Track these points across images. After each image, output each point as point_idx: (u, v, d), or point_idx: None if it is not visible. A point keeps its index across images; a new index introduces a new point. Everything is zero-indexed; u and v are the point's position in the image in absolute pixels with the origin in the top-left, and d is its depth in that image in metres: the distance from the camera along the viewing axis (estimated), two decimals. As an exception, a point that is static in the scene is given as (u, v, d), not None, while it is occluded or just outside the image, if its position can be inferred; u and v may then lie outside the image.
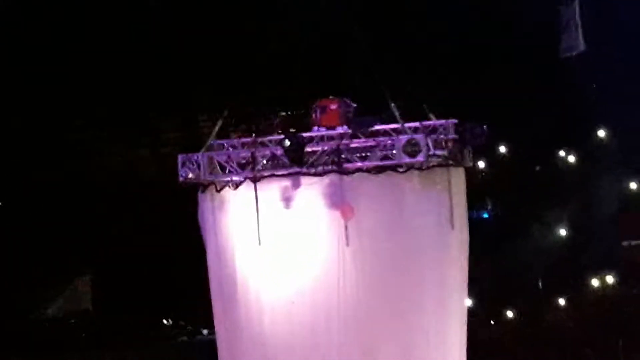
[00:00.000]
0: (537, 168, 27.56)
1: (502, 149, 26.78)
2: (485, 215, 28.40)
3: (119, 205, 25.17)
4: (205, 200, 16.29)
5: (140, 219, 25.49)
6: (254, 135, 16.27)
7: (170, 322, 27.11)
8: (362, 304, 15.35)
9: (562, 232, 27.38)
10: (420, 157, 15.36)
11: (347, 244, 15.29)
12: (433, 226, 15.54)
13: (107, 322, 25.44)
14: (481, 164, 26.94)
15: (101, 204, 25.02)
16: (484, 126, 16.09)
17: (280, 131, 16.15)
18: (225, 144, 16.34)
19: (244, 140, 16.28)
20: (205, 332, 25.25)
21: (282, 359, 15.62)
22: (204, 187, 16.21)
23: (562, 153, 27.16)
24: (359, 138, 15.95)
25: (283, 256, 15.71)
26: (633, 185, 27.36)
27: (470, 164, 16.39)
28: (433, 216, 15.55)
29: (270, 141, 16.14)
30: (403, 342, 15.33)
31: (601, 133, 27.10)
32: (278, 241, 15.74)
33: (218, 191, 16.03)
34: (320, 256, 15.56)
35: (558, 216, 27.10)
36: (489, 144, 24.88)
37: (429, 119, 16.14)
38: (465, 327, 16.13)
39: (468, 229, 16.09)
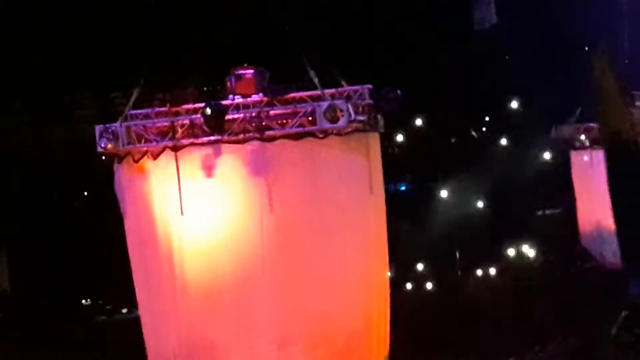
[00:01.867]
0: (453, 140, 27.59)
1: (419, 121, 26.71)
2: (403, 188, 28.37)
3: (35, 185, 24.58)
4: (123, 172, 15.89)
5: (56, 198, 24.94)
6: (169, 105, 15.86)
7: (89, 301, 26.61)
8: (285, 270, 15.22)
9: (480, 203, 27.45)
10: (341, 123, 15.16)
11: (271, 211, 15.02)
12: (353, 191, 15.49)
13: (24, 303, 24.81)
14: (399, 137, 26.91)
15: (16, 184, 24.40)
16: (398, 91, 15.95)
17: (195, 101, 15.78)
18: (142, 114, 15.87)
19: (160, 109, 15.83)
20: (124, 310, 24.81)
21: (207, 328, 15.25)
22: (120, 158, 15.76)
23: (478, 124, 27.21)
24: (279, 105, 15.65)
25: (206, 225, 15.38)
26: (547, 156, 27.56)
27: (383, 130, 16.23)
28: (353, 181, 15.49)
29: (188, 110, 15.74)
30: (324, 306, 15.26)
31: (515, 104, 27.23)
32: (201, 210, 15.39)
33: (136, 161, 15.59)
34: (243, 224, 15.30)
35: (474, 187, 27.15)
36: (406, 117, 25.04)
37: (342, 86, 15.91)
38: (388, 293, 16.01)
39: (384, 194, 15.94)
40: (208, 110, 15.10)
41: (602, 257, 26.58)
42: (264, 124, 15.47)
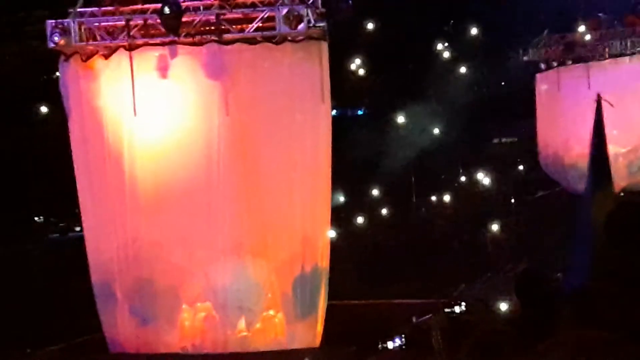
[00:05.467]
0: (410, 66, 27.01)
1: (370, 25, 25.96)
2: (360, 112, 27.86)
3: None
4: (69, 70, 14.94)
5: (8, 114, 24.06)
6: (117, 4, 14.96)
7: (42, 219, 25.90)
8: (239, 173, 14.57)
9: (436, 130, 26.97)
10: (301, 28, 14.47)
11: (227, 114, 14.34)
12: (306, 98, 14.89)
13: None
14: (357, 61, 26.30)
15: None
16: (349, 1, 15.36)
17: (145, 1, 14.91)
18: (94, 12, 14.94)
19: (113, 8, 14.94)
20: (77, 229, 24.06)
21: (154, 229, 14.63)
22: (67, 56, 14.81)
23: (438, 47, 26.60)
24: (238, 9, 14.87)
25: (160, 126, 14.60)
26: (506, 82, 27.11)
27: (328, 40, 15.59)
28: (306, 88, 14.89)
29: (143, 10, 14.86)
30: (273, 212, 14.76)
31: (474, 30, 26.65)
32: (155, 111, 14.59)
33: (84, 61, 14.71)
34: (198, 126, 14.54)
35: (432, 114, 26.65)
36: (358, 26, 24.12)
37: None
38: (329, 202, 15.50)
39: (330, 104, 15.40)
40: (166, 9, 14.24)
41: (567, 182, 26.13)
42: (222, 27, 14.65)
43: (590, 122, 22.00)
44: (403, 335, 16.29)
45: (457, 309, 19.93)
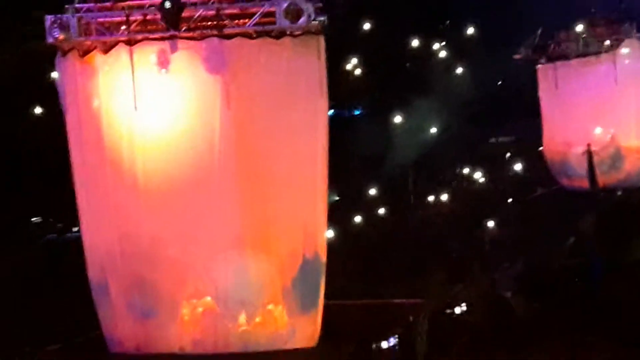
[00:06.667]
0: (408, 65, 26.99)
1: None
2: (357, 112, 27.83)
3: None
4: (67, 66, 14.90)
5: (5, 113, 23.97)
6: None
7: (40, 219, 25.77)
8: (240, 169, 14.54)
9: (433, 129, 26.95)
10: (301, 22, 14.51)
11: (228, 108, 14.30)
12: (306, 92, 14.91)
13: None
14: (354, 60, 26.26)
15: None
16: None
17: None
18: (93, 7, 14.87)
19: (112, 4, 14.90)
20: (75, 229, 23.95)
21: (154, 224, 14.61)
22: (65, 52, 14.77)
23: (434, 47, 26.58)
24: (238, 3, 14.86)
25: (160, 121, 14.56)
26: (502, 82, 27.12)
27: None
28: (305, 82, 14.91)
29: (142, 5, 14.81)
30: (274, 207, 14.74)
31: (470, 30, 26.64)
32: (155, 106, 14.55)
33: (82, 56, 14.66)
34: (199, 120, 14.51)
35: (429, 113, 26.63)
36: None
37: None
38: (326, 197, 15.42)
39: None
40: (167, 4, 14.23)
41: (569, 178, 26.15)
42: (222, 21, 14.63)
43: (593, 116, 22.19)
44: (397, 336, 16.32)
45: (454, 309, 19.93)
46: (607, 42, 24.90)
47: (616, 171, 25.59)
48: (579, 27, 25.28)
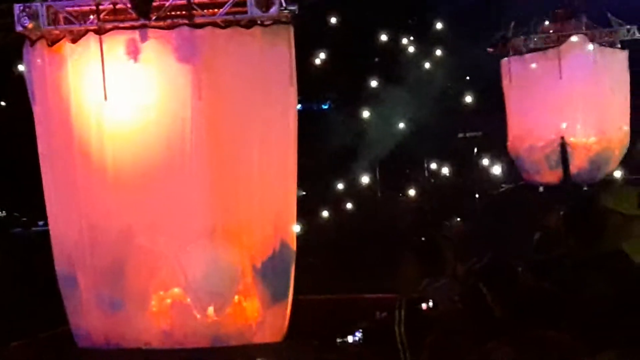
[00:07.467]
0: (377, 59, 26.97)
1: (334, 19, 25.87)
2: (325, 107, 27.78)
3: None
4: (35, 56, 14.63)
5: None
6: None
7: (4, 213, 25.55)
8: (212, 159, 14.41)
9: (401, 124, 26.95)
10: (273, 11, 14.39)
11: (200, 98, 14.16)
12: (276, 81, 14.76)
13: None
14: (322, 55, 26.21)
15: None
16: None
17: None
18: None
19: None
20: (40, 223, 23.75)
21: (125, 215, 14.38)
22: (33, 41, 14.54)
23: (404, 42, 26.58)
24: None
25: (131, 111, 14.38)
26: (471, 78, 27.11)
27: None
28: (276, 72, 14.76)
29: (112, -6, 14.68)
30: (246, 197, 14.60)
31: (439, 24, 26.64)
32: (125, 96, 14.36)
33: (50, 45, 14.45)
34: (171, 110, 14.33)
35: (395, 108, 26.62)
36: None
37: None
38: (295, 189, 15.35)
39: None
40: (137, -8, 14.12)
41: (527, 173, 26.16)
42: (193, 10, 14.50)
43: (559, 109, 22.12)
44: (361, 330, 16.22)
45: (421, 304, 19.85)
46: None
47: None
48: (534, 22, 25.36)
